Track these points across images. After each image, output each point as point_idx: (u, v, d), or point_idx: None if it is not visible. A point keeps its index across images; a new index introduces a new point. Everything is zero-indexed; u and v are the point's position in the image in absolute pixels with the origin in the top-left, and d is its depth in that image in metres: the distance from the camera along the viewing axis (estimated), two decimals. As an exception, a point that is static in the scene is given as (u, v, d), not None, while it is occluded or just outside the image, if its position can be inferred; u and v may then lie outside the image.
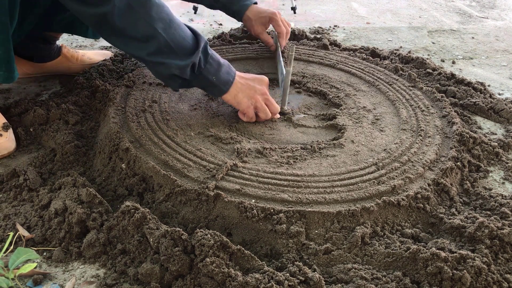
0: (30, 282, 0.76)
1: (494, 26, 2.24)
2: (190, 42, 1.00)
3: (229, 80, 1.07)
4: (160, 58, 0.98)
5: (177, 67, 1.00)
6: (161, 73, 1.04)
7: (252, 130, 1.13)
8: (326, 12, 2.39)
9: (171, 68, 1.00)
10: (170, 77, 1.03)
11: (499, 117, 1.32)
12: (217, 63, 1.05)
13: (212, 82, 1.05)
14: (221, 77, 1.06)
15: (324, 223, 0.85)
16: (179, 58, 0.99)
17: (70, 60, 1.43)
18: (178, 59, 0.99)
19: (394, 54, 1.70)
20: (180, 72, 1.01)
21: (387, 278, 0.77)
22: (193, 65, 1.01)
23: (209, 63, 1.03)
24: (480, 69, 1.71)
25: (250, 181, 0.92)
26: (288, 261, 0.79)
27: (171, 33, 0.97)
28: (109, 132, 1.05)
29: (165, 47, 0.97)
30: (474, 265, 0.77)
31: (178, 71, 1.00)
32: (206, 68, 1.03)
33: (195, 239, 0.76)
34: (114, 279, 0.76)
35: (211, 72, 1.04)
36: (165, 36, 0.96)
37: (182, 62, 0.99)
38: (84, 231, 0.84)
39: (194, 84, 1.07)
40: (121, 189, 0.95)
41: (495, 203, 0.95)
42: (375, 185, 0.94)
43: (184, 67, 1.00)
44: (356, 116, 1.20)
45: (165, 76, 1.04)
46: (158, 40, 0.96)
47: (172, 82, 1.05)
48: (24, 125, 1.14)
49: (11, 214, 0.89)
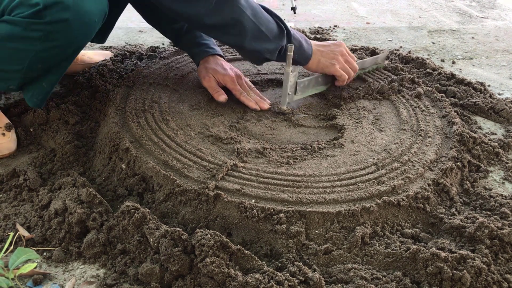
0: (30, 282, 0.76)
1: (494, 26, 2.24)
2: (275, 25, 1.09)
3: (308, 55, 1.19)
4: (254, 44, 1.07)
5: (269, 51, 1.10)
6: (255, 58, 1.13)
7: (252, 130, 1.13)
8: (326, 12, 2.39)
9: (264, 53, 1.09)
10: (261, 60, 1.13)
11: (499, 117, 1.32)
12: (298, 42, 1.14)
13: (294, 60, 1.14)
14: (302, 54, 1.17)
15: (324, 223, 0.85)
16: (270, 42, 1.08)
17: (70, 60, 1.43)
18: (270, 43, 1.08)
19: (394, 54, 1.70)
20: (271, 55, 1.11)
21: (387, 278, 0.77)
22: (281, 48, 1.11)
23: (292, 42, 1.12)
24: (480, 69, 1.71)
25: (250, 181, 0.92)
26: (288, 261, 0.79)
27: (259, 19, 1.05)
28: (109, 132, 1.05)
29: (257, 32, 1.05)
30: (474, 265, 0.77)
31: (269, 54, 1.10)
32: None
33: (195, 239, 0.76)
34: (114, 279, 0.76)
35: (294, 51, 1.12)
36: (256, 22, 1.04)
37: (273, 46, 1.09)
38: (84, 231, 0.84)
39: (279, 60, 1.16)
40: (121, 189, 0.95)
41: (495, 203, 0.95)
42: (375, 185, 0.94)
43: (274, 50, 1.10)
44: (356, 116, 1.20)
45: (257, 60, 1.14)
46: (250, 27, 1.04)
47: (260, 62, 1.15)
48: (24, 125, 1.14)
49: (11, 214, 0.89)
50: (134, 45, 1.76)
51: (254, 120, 1.18)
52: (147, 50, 1.59)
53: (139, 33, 1.93)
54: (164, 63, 1.41)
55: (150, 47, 1.62)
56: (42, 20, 0.90)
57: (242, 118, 1.18)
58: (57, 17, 0.90)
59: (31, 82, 1.03)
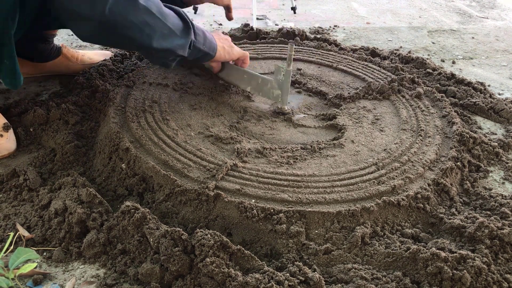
0: (30, 282, 0.76)
1: (494, 26, 2.24)
2: (178, 19, 1.01)
3: (214, 44, 1.13)
4: (164, 43, 0.99)
5: (180, 47, 1.02)
6: (166, 58, 1.05)
7: (252, 130, 1.13)
8: (326, 12, 2.39)
9: (176, 50, 1.02)
10: (173, 59, 1.06)
11: (499, 117, 1.32)
12: (202, 32, 1.08)
13: (203, 52, 1.10)
14: (208, 44, 1.11)
15: (324, 223, 0.85)
16: (179, 38, 1.01)
17: (70, 60, 1.43)
18: (180, 39, 1.01)
19: (394, 54, 1.70)
20: (183, 51, 1.04)
21: (387, 278, 0.77)
22: (191, 42, 1.04)
23: (197, 35, 1.06)
24: (480, 69, 1.71)
25: (250, 181, 0.92)
26: (288, 261, 0.79)
27: (165, 15, 0.97)
28: (109, 132, 1.05)
29: (165, 30, 0.97)
30: (474, 265, 0.77)
31: (181, 50, 1.03)
32: (197, 40, 1.06)
33: (195, 239, 0.76)
34: (114, 279, 0.76)
35: (200, 42, 1.07)
36: (162, 19, 0.96)
37: (183, 41, 1.02)
38: (84, 231, 0.84)
39: (189, 58, 1.09)
40: (121, 189, 0.95)
41: (495, 203, 0.95)
42: (375, 185, 0.94)
43: (185, 45, 1.03)
44: (356, 116, 1.20)
45: (169, 60, 1.06)
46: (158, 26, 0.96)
47: (172, 63, 1.07)
48: (24, 125, 1.14)
49: (11, 214, 0.89)
50: (134, 45, 1.76)
51: (254, 120, 1.18)
52: (147, 50, 1.59)
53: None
54: (164, 63, 1.41)
55: (150, 47, 1.61)
56: None
57: (242, 118, 1.18)
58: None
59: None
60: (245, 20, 2.15)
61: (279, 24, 2.14)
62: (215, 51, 1.14)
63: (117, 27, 0.91)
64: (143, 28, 0.94)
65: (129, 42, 0.97)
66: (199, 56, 1.12)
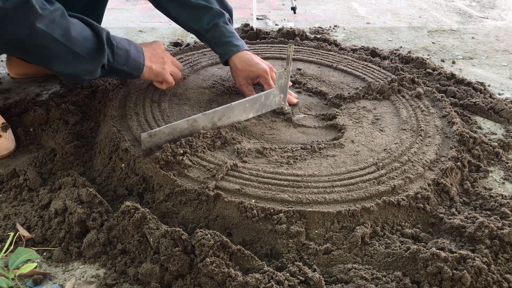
0: (30, 282, 0.76)
1: (494, 26, 2.24)
2: (94, 40, 0.94)
3: (139, 66, 1.07)
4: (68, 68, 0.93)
5: (88, 72, 0.96)
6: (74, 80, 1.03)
7: (252, 130, 1.13)
8: (326, 12, 2.39)
9: (82, 76, 0.97)
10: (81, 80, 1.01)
11: (499, 117, 1.32)
12: (125, 51, 1.02)
13: (123, 71, 1.04)
14: (131, 64, 1.04)
15: (324, 223, 0.85)
16: (87, 62, 0.94)
17: (70, 60, 1.43)
18: (87, 64, 0.94)
19: (394, 54, 1.70)
20: (91, 75, 0.98)
21: (387, 278, 0.77)
22: (103, 65, 0.97)
23: (117, 55, 1.00)
24: (480, 69, 1.71)
25: (250, 181, 0.92)
26: (288, 261, 0.79)
27: (72, 39, 0.90)
28: (109, 132, 1.05)
29: (69, 54, 0.91)
30: (474, 265, 0.77)
31: (89, 75, 0.97)
32: (115, 61, 1.00)
33: (195, 239, 0.76)
34: (114, 279, 0.76)
35: (120, 63, 1.02)
36: (67, 43, 0.90)
37: (92, 67, 0.95)
38: (84, 231, 0.84)
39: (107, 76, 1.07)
40: (121, 189, 0.95)
41: (495, 203, 0.95)
42: (375, 185, 0.94)
43: (93, 70, 0.97)
44: (356, 116, 1.20)
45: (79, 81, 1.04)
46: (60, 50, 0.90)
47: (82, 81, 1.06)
48: (24, 125, 1.14)
49: (11, 214, 0.89)
50: (134, 45, 1.76)
51: (254, 120, 1.18)
52: (147, 50, 1.59)
53: (139, 33, 1.93)
54: (164, 63, 1.41)
55: (150, 47, 1.61)
56: None
57: (242, 118, 1.18)
58: None
59: None
60: (245, 20, 2.15)
61: (279, 24, 2.14)
62: (140, 71, 1.08)
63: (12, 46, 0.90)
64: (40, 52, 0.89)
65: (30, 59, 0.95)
66: (120, 75, 1.09)
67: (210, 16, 1.21)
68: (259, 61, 1.24)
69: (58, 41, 0.88)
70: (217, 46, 1.24)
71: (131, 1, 2.44)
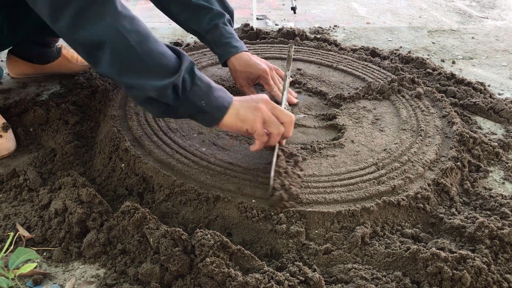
0: (30, 282, 0.76)
1: (494, 26, 2.24)
2: (172, 60, 0.84)
3: (223, 106, 0.87)
4: (133, 77, 0.82)
5: (154, 89, 0.82)
6: (137, 98, 0.87)
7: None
8: (326, 12, 2.39)
9: (146, 91, 0.82)
10: (148, 101, 0.85)
11: (499, 117, 1.32)
12: (207, 86, 0.87)
13: (202, 108, 0.86)
14: (213, 101, 0.86)
15: (324, 223, 0.85)
16: (156, 77, 0.82)
17: (70, 61, 1.43)
18: (155, 79, 0.82)
19: (394, 54, 1.70)
20: (158, 95, 0.82)
21: (387, 278, 0.77)
22: (175, 86, 0.83)
23: (196, 85, 0.85)
24: (480, 69, 1.71)
25: (250, 181, 0.92)
26: (288, 261, 0.79)
27: (147, 48, 0.82)
28: (109, 132, 1.05)
29: (137, 62, 0.81)
30: (474, 265, 0.77)
31: (156, 93, 0.82)
32: (192, 90, 0.85)
33: (195, 239, 0.76)
34: (114, 279, 0.76)
35: (199, 95, 0.85)
36: (139, 50, 0.80)
37: (160, 83, 0.81)
38: (84, 231, 0.84)
39: (180, 111, 0.87)
40: (121, 189, 0.95)
41: (495, 203, 0.95)
42: (375, 185, 0.94)
43: (162, 88, 0.81)
44: (356, 116, 1.20)
45: (142, 101, 0.86)
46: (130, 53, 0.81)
47: (152, 107, 0.86)
48: (24, 125, 1.14)
49: (11, 214, 0.89)
50: (134, 45, 1.76)
51: (254, 120, 1.18)
52: (147, 50, 1.59)
53: (139, 33, 1.93)
54: (164, 63, 1.41)
55: (150, 47, 1.62)
56: None
57: (242, 118, 1.18)
58: None
59: None
60: (245, 20, 2.15)
61: (279, 24, 2.14)
62: (221, 113, 0.87)
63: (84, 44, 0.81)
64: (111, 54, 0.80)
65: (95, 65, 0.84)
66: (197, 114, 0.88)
67: (210, 16, 1.21)
68: (258, 61, 1.24)
69: (130, 45, 0.80)
70: (217, 46, 1.24)
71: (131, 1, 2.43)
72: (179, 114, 0.88)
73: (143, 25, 0.84)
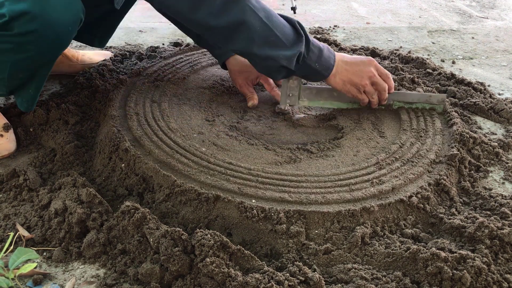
0: (30, 282, 0.76)
1: (494, 26, 2.24)
2: (291, 30, 0.99)
3: (330, 65, 1.05)
4: (268, 51, 0.96)
5: (285, 58, 0.97)
6: (269, 67, 1.01)
7: (252, 130, 1.13)
8: (326, 12, 2.39)
9: (280, 60, 0.97)
10: (278, 70, 1.01)
11: (499, 117, 1.32)
12: (318, 49, 1.03)
13: (314, 69, 1.03)
14: (323, 62, 1.03)
15: (324, 223, 0.85)
16: (285, 47, 0.97)
17: (71, 60, 1.43)
18: (286, 50, 0.97)
19: (394, 54, 1.70)
20: (288, 63, 0.98)
21: (387, 278, 0.77)
22: (300, 54, 0.99)
23: (311, 51, 1.01)
24: (480, 69, 1.71)
25: (250, 181, 0.92)
26: (288, 261, 0.79)
27: (274, 21, 0.96)
28: (109, 132, 1.05)
29: (270, 36, 0.95)
30: (474, 265, 0.77)
31: (286, 61, 0.98)
32: (309, 56, 1.01)
33: (195, 239, 0.76)
34: (114, 279, 0.76)
35: (313, 59, 1.02)
36: (269, 24, 0.94)
37: (290, 52, 0.97)
38: (84, 231, 0.84)
39: (296, 73, 1.05)
40: (121, 189, 0.95)
41: (495, 203, 0.95)
42: (375, 185, 0.94)
43: (291, 57, 0.98)
44: (356, 116, 1.20)
45: (273, 70, 1.01)
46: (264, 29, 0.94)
47: (277, 74, 1.03)
48: (24, 125, 1.14)
49: (11, 214, 0.89)
50: (134, 45, 1.76)
51: (254, 120, 1.18)
52: (147, 50, 1.59)
53: (139, 33, 1.93)
54: (164, 63, 1.41)
55: (150, 47, 1.62)
56: (10, 32, 0.87)
57: (242, 118, 1.18)
58: (25, 28, 0.87)
59: (18, 89, 1.03)
60: (245, 20, 2.14)
61: (279, 24, 2.14)
62: (329, 70, 1.05)
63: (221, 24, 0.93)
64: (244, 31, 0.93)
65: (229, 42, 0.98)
66: (308, 75, 1.07)
67: None
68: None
69: (262, 21, 0.93)
70: (216, 47, 1.24)
71: (131, 1, 2.43)
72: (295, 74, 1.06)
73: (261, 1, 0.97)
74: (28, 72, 0.99)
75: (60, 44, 0.96)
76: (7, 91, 1.04)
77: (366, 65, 1.09)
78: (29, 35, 0.88)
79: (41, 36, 0.89)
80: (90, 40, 1.35)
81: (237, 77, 1.24)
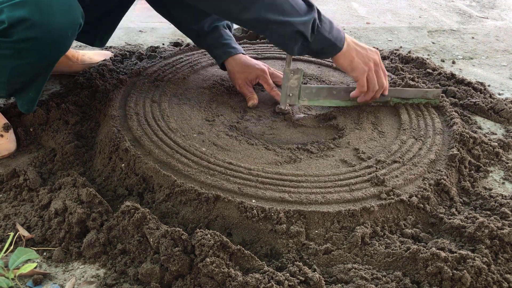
0: (30, 282, 0.76)
1: (494, 26, 2.24)
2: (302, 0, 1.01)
3: (341, 36, 1.07)
4: (284, 17, 0.98)
5: (301, 23, 0.99)
6: (285, 34, 1.01)
7: (252, 130, 1.13)
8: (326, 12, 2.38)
9: (296, 25, 0.98)
10: (293, 37, 1.01)
11: (499, 117, 1.32)
12: (329, 21, 1.05)
13: (328, 40, 1.04)
14: (335, 33, 1.05)
15: (324, 223, 0.85)
16: (300, 15, 0.99)
17: (71, 60, 1.43)
18: (300, 16, 0.99)
19: (394, 54, 1.70)
20: (304, 28, 0.99)
21: (387, 278, 0.77)
22: (314, 21, 1.01)
23: (323, 21, 1.04)
24: (480, 69, 1.71)
25: (250, 181, 0.92)
26: (288, 261, 0.79)
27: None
28: (109, 132, 1.05)
29: (286, 4, 0.97)
30: (474, 265, 0.77)
31: (303, 26, 0.99)
32: (322, 26, 1.03)
33: (195, 239, 0.76)
34: (114, 279, 0.76)
35: (326, 29, 1.04)
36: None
37: (305, 18, 0.99)
38: (84, 231, 0.84)
39: (312, 45, 1.05)
40: (121, 189, 0.95)
41: (495, 203, 0.95)
42: (375, 185, 0.94)
43: (307, 22, 0.99)
44: (356, 116, 1.20)
45: (289, 36, 1.01)
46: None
47: (293, 43, 1.03)
48: (24, 125, 1.14)
49: (11, 214, 0.89)
50: (134, 45, 1.76)
51: (254, 120, 1.18)
52: (147, 50, 1.59)
53: (139, 33, 1.93)
54: (164, 63, 1.41)
55: (150, 47, 1.62)
56: (10, 39, 0.87)
57: (242, 118, 1.18)
58: (24, 35, 0.87)
59: (18, 91, 1.03)
60: (245, 20, 2.14)
61: (279, 24, 2.14)
62: (342, 42, 1.07)
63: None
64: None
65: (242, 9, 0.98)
66: (324, 47, 1.06)
67: (212, 19, 1.23)
68: (256, 62, 1.25)
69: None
70: (215, 47, 1.25)
71: (131, 1, 2.43)
72: (310, 48, 1.06)
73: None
74: (28, 76, 0.99)
75: (60, 50, 0.97)
76: (7, 94, 1.04)
77: (374, 52, 1.13)
78: (28, 42, 0.88)
79: (41, 43, 0.89)
80: (90, 40, 1.35)
81: (236, 78, 1.24)
